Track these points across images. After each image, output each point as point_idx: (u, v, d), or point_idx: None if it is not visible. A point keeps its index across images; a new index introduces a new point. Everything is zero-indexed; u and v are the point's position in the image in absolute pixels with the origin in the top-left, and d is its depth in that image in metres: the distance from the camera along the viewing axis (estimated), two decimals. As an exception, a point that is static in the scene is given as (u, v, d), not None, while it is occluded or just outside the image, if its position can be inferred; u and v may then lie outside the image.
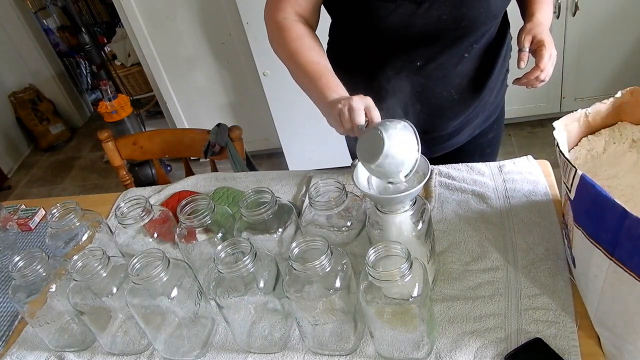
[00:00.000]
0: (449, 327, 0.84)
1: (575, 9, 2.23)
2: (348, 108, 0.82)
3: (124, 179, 1.69)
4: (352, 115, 0.82)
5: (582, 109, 0.88)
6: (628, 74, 2.41)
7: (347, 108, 0.82)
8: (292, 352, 0.87)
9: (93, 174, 3.36)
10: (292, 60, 0.97)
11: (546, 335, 0.79)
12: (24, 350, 0.99)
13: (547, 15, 1.06)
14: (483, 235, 0.99)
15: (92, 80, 4.01)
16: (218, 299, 0.81)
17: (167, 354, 0.90)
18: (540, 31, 1.01)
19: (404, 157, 0.78)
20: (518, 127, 2.70)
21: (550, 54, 0.99)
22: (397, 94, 1.07)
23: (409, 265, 0.70)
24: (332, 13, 1.07)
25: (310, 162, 2.62)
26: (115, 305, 0.87)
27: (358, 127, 0.82)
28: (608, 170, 0.91)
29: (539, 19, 1.04)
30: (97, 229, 1.03)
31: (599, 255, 0.70)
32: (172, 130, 2.50)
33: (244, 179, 1.31)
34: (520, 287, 0.88)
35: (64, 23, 3.79)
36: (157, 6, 2.49)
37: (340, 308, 0.79)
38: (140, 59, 2.77)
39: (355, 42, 1.09)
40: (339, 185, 0.86)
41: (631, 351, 0.73)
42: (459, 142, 1.21)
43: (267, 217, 0.88)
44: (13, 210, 1.37)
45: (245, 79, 2.69)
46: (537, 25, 1.02)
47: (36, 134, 3.65)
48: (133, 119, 2.81)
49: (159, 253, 0.82)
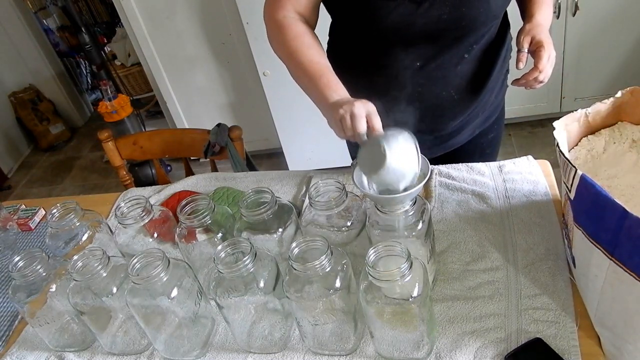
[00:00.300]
0: (449, 327, 0.84)
1: (575, 9, 2.23)
2: (350, 115, 0.81)
3: (124, 179, 1.69)
4: (353, 122, 0.81)
5: (582, 109, 0.88)
6: (628, 74, 2.41)
7: (350, 115, 0.81)
8: (292, 352, 0.87)
9: (93, 174, 3.36)
10: (291, 59, 0.96)
11: (546, 335, 0.79)
12: (24, 350, 0.99)
13: (547, 16, 1.06)
14: (483, 235, 0.99)
15: (92, 80, 4.01)
16: (218, 299, 0.81)
17: (167, 354, 0.90)
18: (539, 32, 1.01)
19: (405, 170, 0.79)
20: (518, 127, 2.70)
21: (549, 55, 0.99)
22: (397, 93, 1.07)
23: (409, 265, 0.70)
24: (332, 12, 1.07)
25: (310, 162, 2.62)
26: (115, 305, 0.87)
27: (359, 135, 0.82)
28: (608, 170, 0.91)
29: (538, 20, 1.03)
30: (97, 229, 1.03)
31: (599, 255, 0.70)
32: (172, 130, 2.50)
33: (244, 179, 1.31)
34: (520, 287, 0.88)
35: (64, 23, 3.79)
36: (157, 6, 2.49)
37: (340, 308, 0.79)
38: (140, 59, 2.77)
39: (355, 42, 1.09)
40: (339, 185, 0.86)
41: (631, 351, 0.73)
42: (459, 142, 1.22)
43: (267, 217, 0.88)
44: (13, 210, 1.37)
45: (245, 79, 2.69)
46: (536, 26, 1.02)
47: (36, 134, 3.65)
48: (133, 119, 2.81)
49: (159, 253, 0.82)
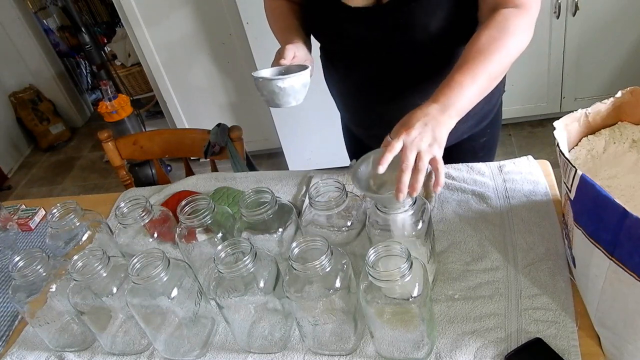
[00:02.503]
0: (449, 327, 0.84)
1: (575, 9, 2.23)
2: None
3: (124, 179, 1.69)
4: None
5: (582, 109, 0.88)
6: (628, 74, 2.41)
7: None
8: (292, 352, 0.87)
9: (93, 174, 3.36)
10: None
11: (546, 335, 0.79)
12: (24, 350, 0.99)
13: (451, 92, 0.84)
14: (483, 235, 0.99)
15: (92, 80, 4.02)
16: (218, 299, 0.81)
17: (167, 354, 0.90)
18: (406, 121, 0.82)
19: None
20: (518, 127, 2.70)
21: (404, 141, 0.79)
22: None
23: (409, 265, 0.70)
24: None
25: (310, 162, 2.62)
26: (115, 305, 0.87)
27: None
28: (608, 170, 0.91)
29: (428, 103, 0.84)
30: (97, 229, 1.03)
31: (599, 255, 0.70)
32: (172, 130, 2.50)
33: (244, 179, 1.31)
34: (520, 287, 0.88)
35: (64, 23, 3.79)
36: (157, 6, 2.49)
37: (340, 308, 0.79)
38: (140, 59, 2.77)
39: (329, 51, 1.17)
40: (339, 185, 0.86)
41: (631, 351, 0.73)
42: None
43: (267, 217, 0.88)
44: (13, 210, 1.37)
45: (245, 79, 2.69)
46: (411, 116, 0.83)
47: (36, 134, 3.65)
48: (133, 119, 2.81)
49: (159, 253, 0.82)
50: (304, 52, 1.04)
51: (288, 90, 0.95)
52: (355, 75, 1.11)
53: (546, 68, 2.44)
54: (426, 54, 1.02)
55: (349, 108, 1.23)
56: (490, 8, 0.92)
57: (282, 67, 0.99)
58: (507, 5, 0.90)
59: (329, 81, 1.21)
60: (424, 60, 1.03)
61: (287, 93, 0.95)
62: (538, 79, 2.48)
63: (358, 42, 1.03)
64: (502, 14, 0.89)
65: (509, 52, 0.88)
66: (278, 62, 0.99)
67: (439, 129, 0.81)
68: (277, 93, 0.95)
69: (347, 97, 1.19)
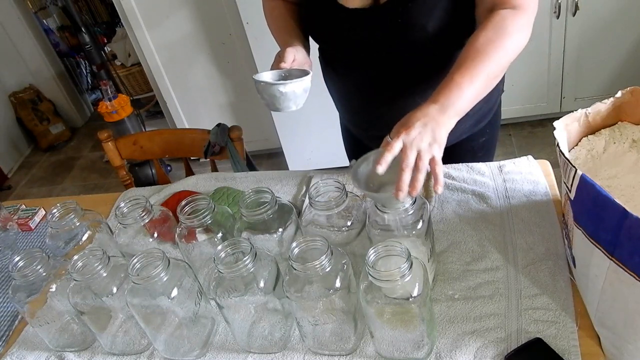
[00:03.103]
0: (449, 327, 0.84)
1: (575, 9, 2.23)
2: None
3: (124, 179, 1.69)
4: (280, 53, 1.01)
5: (582, 109, 0.88)
6: (628, 74, 2.41)
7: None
8: (292, 352, 0.87)
9: (93, 174, 3.36)
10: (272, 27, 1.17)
11: (546, 335, 0.79)
12: (24, 350, 0.99)
13: (448, 93, 0.84)
14: (483, 235, 0.99)
15: (92, 80, 4.02)
16: (218, 299, 0.81)
17: (167, 354, 0.90)
18: (405, 122, 0.82)
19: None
20: (518, 127, 2.70)
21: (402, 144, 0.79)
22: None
23: (409, 265, 0.70)
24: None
25: (310, 162, 2.62)
26: (115, 305, 0.87)
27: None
28: (608, 170, 0.91)
29: (426, 104, 0.84)
30: (97, 229, 1.03)
31: (599, 255, 0.70)
32: (172, 130, 2.50)
33: (244, 179, 1.31)
34: (520, 287, 0.88)
35: (64, 23, 3.79)
36: (157, 6, 2.49)
37: (340, 308, 0.79)
38: (140, 59, 2.77)
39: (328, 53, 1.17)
40: (339, 185, 0.86)
41: (631, 351, 0.73)
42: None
43: (267, 217, 0.88)
44: (13, 210, 1.37)
45: (245, 79, 2.69)
46: (410, 116, 0.83)
47: (36, 134, 3.65)
48: (133, 119, 2.81)
49: (159, 253, 0.82)
50: (303, 54, 1.04)
51: (289, 95, 0.95)
52: (354, 76, 1.11)
53: (546, 68, 2.44)
54: (425, 55, 1.02)
55: (348, 109, 1.23)
56: (487, 9, 0.93)
57: (282, 71, 0.99)
58: (505, 7, 0.90)
59: (328, 82, 1.21)
60: (423, 61, 1.03)
61: (288, 98, 0.95)
62: (538, 78, 2.48)
63: (356, 43, 1.03)
64: (500, 15, 0.89)
65: (507, 53, 0.88)
66: (278, 65, 0.99)
67: (439, 130, 0.81)
68: (278, 97, 0.95)
69: (346, 97, 1.19)
